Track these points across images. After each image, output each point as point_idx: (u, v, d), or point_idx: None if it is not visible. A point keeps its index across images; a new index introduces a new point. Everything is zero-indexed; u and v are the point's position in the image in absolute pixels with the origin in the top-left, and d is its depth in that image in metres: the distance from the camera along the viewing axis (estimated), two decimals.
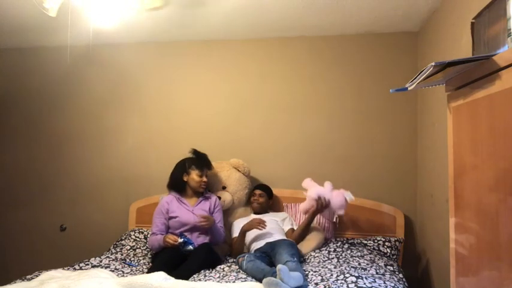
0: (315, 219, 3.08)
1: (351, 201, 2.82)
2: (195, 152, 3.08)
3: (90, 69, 3.68)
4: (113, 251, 2.99)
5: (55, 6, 2.24)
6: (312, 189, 2.86)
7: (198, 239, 2.81)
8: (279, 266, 2.02)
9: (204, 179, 2.96)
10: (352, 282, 2.07)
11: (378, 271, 2.33)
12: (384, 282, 2.11)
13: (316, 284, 2.11)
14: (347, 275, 2.15)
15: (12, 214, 3.77)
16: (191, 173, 2.96)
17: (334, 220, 3.15)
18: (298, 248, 2.73)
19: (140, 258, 2.87)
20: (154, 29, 3.27)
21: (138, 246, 3.05)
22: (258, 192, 3.13)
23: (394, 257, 2.84)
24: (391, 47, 3.31)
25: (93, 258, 2.72)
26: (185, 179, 2.98)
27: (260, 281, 2.12)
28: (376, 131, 3.31)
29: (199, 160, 3.02)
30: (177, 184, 3.00)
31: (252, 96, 3.49)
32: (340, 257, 2.65)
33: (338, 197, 2.81)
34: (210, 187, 3.16)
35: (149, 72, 3.64)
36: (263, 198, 3.10)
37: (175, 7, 2.81)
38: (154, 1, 2.45)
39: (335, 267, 2.37)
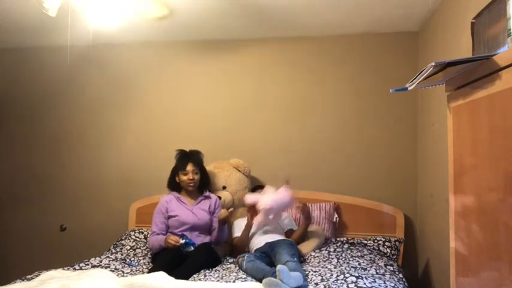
0: (315, 218, 3.09)
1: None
2: (179, 152, 3.06)
3: (90, 69, 3.67)
4: (113, 251, 2.99)
5: (55, 6, 2.24)
6: (262, 201, 2.71)
7: (198, 239, 2.80)
8: (279, 267, 2.02)
9: (190, 176, 2.93)
10: (352, 282, 2.07)
11: (377, 271, 2.33)
12: (384, 282, 2.11)
13: (316, 284, 2.11)
14: (347, 275, 2.15)
15: (12, 214, 3.77)
16: (179, 174, 2.98)
17: (334, 220, 3.15)
18: (298, 248, 2.73)
19: (140, 258, 2.87)
20: (154, 29, 3.27)
21: (138, 246, 3.05)
22: (260, 191, 3.13)
23: (394, 257, 2.84)
24: (391, 47, 3.31)
25: (93, 258, 2.72)
26: (177, 180, 2.99)
27: (260, 281, 2.12)
28: (376, 131, 3.31)
29: (182, 159, 3.01)
30: (173, 186, 3.03)
31: (252, 96, 3.49)
32: (340, 257, 2.64)
33: (282, 194, 2.71)
34: (210, 187, 3.16)
35: (149, 72, 3.64)
36: None
37: (175, 7, 2.81)
38: (160, 11, 2.46)
39: (335, 267, 2.37)
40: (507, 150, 1.00)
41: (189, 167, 2.95)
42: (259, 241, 2.75)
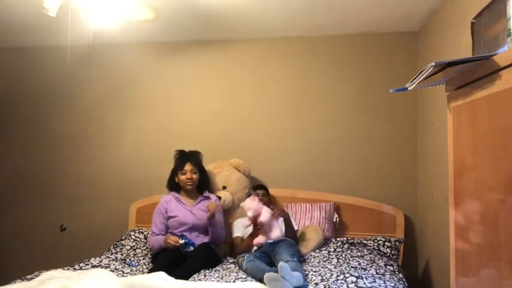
0: (315, 218, 3.09)
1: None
2: (177, 152, 3.07)
3: (90, 69, 3.67)
4: (113, 251, 2.99)
5: (55, 6, 2.24)
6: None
7: (197, 239, 2.81)
8: (281, 264, 2.02)
9: (189, 175, 2.94)
10: (352, 282, 2.07)
11: (378, 271, 2.33)
12: (384, 282, 2.11)
13: (316, 284, 2.11)
14: (347, 275, 2.15)
15: (12, 214, 3.77)
16: (178, 174, 2.99)
17: (334, 220, 3.15)
18: (298, 248, 2.73)
19: (140, 258, 2.87)
20: (154, 29, 3.27)
21: (138, 246, 3.05)
22: (261, 192, 3.12)
23: (394, 257, 2.84)
24: (391, 47, 3.31)
25: (93, 258, 2.72)
26: (176, 180, 3.00)
27: (260, 281, 2.12)
28: (376, 131, 3.31)
29: (180, 158, 3.02)
30: (172, 186, 3.04)
31: (252, 96, 3.49)
32: (340, 257, 2.65)
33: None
34: (210, 187, 3.17)
35: (149, 72, 3.63)
36: (266, 197, 3.12)
37: (175, 7, 2.81)
38: (146, 14, 2.48)
39: (335, 267, 2.37)
40: (507, 150, 1.00)
41: (187, 167, 2.96)
42: None
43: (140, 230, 3.25)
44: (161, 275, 2.08)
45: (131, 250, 3.00)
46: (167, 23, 3.14)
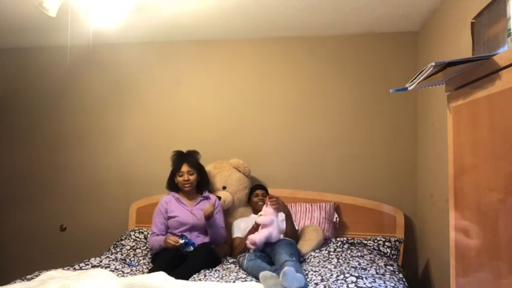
0: (315, 218, 3.09)
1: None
2: (174, 153, 3.06)
3: (90, 69, 3.67)
4: (113, 251, 2.99)
5: (55, 6, 2.24)
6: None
7: (198, 239, 2.81)
8: (286, 269, 2.01)
9: (186, 177, 2.93)
10: (352, 282, 2.07)
11: (378, 271, 2.33)
12: (384, 282, 2.11)
13: (316, 284, 2.11)
14: (347, 275, 2.15)
15: (12, 214, 3.77)
16: (176, 175, 2.98)
17: (334, 220, 3.15)
18: (298, 248, 2.73)
19: (140, 258, 2.87)
20: (154, 29, 3.27)
21: (138, 246, 3.05)
22: (261, 192, 3.12)
23: (394, 257, 2.84)
24: (391, 47, 3.31)
25: (93, 258, 2.72)
26: (176, 181, 2.99)
27: None
28: (376, 131, 3.31)
29: (177, 160, 3.01)
30: (171, 186, 3.03)
31: (252, 96, 3.49)
32: (340, 257, 2.65)
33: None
34: (210, 187, 3.16)
35: (149, 72, 3.64)
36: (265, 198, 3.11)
37: (175, 7, 2.81)
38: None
39: (335, 267, 2.37)
40: (507, 150, 1.00)
41: (184, 168, 2.94)
42: None
43: (140, 230, 3.25)
44: (161, 275, 2.08)
45: (131, 250, 3.00)
46: (166, 23, 3.14)
